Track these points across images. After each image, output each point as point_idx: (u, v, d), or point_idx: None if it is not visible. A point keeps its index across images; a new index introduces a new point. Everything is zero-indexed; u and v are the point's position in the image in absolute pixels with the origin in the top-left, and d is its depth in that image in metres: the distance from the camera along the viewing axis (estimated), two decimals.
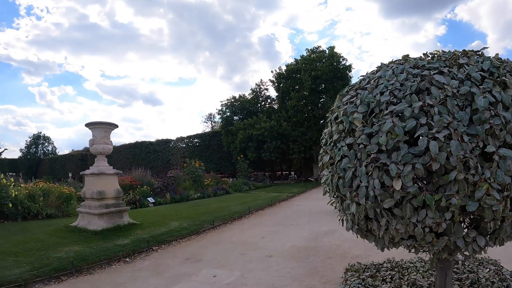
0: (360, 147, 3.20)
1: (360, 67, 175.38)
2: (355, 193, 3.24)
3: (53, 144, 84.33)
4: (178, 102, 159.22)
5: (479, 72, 3.07)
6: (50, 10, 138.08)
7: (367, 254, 7.00)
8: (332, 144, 3.69)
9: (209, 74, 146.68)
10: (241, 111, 48.65)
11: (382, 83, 3.30)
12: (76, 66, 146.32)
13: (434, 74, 3.11)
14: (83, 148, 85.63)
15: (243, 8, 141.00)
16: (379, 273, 5.17)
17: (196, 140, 53.97)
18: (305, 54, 47.16)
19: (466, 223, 3.33)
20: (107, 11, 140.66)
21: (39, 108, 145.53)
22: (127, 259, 8.36)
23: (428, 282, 4.55)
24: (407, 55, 3.78)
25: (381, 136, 2.99)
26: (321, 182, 4.06)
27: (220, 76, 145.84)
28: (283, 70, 47.09)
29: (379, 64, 3.87)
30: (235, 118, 48.45)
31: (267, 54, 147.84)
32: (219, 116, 51.40)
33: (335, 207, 4.06)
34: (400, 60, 3.72)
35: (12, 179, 15.83)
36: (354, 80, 45.79)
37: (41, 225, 11.87)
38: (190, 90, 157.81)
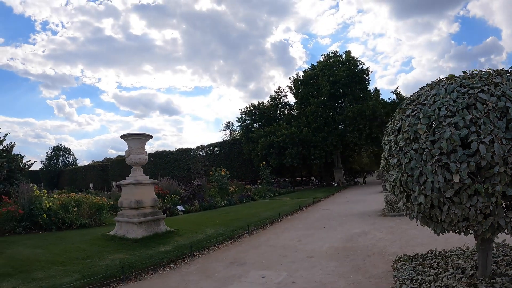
0: (425, 151, 4.05)
1: (375, 69, 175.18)
2: (422, 187, 4.05)
3: (73, 155, 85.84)
4: (195, 111, 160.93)
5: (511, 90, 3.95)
6: (65, 25, 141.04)
7: (402, 251, 7.18)
8: (397, 149, 4.46)
9: (224, 82, 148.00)
10: (261, 118, 49.08)
11: (439, 100, 4.17)
12: (92, 79, 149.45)
13: (478, 92, 4.00)
14: (103, 158, 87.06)
15: (255, 15, 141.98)
16: (425, 262, 5.74)
17: (216, 149, 54.55)
18: (321, 59, 47.65)
19: (506, 206, 4.07)
20: (121, 24, 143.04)
21: (57, 121, 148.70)
22: (172, 265, 8.66)
23: (470, 265, 5.21)
24: (453, 75, 4.58)
25: (442, 142, 3.88)
26: (389, 180, 4.80)
27: (235, 84, 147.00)
28: (301, 76, 47.55)
29: (425, 82, 5.20)
30: (255, 125, 48.89)
31: (281, 60, 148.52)
32: (239, 124, 51.83)
33: (399, 201, 4.75)
34: (448, 79, 4.55)
35: (45, 190, 16.34)
36: (372, 84, 46.09)
37: (78, 235, 12.24)
38: (206, 99, 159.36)
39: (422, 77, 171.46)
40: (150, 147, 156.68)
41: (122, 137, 12.35)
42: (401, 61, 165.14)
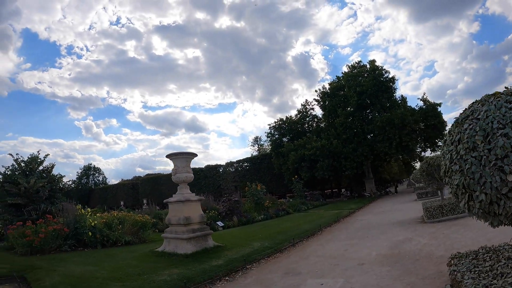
0: (483, 157, 4.76)
1: (398, 75, 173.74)
2: (483, 187, 4.77)
3: (103, 174, 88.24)
4: (220, 128, 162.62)
5: None
6: (89, 49, 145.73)
7: (448, 254, 7.42)
8: (458, 157, 5.18)
9: (248, 98, 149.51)
10: (289, 132, 49.58)
11: (491, 115, 4.88)
12: (118, 100, 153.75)
13: None
14: (132, 177, 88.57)
15: (274, 30, 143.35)
16: (478, 257, 6.19)
17: (246, 164, 55.19)
18: (346, 70, 47.98)
19: None
20: (143, 46, 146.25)
21: (85, 141, 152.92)
22: (227, 277, 9.03)
23: None
24: (498, 92, 5.26)
25: (497, 149, 4.58)
26: (452, 184, 5.40)
27: (259, 99, 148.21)
28: (327, 89, 47.87)
29: (475, 101, 5.62)
30: (284, 139, 49.32)
31: (303, 73, 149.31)
32: (268, 138, 52.33)
33: (460, 201, 5.36)
34: (495, 96, 5.22)
35: (89, 209, 17.02)
36: (399, 92, 46.16)
37: (125, 252, 12.76)
38: (231, 115, 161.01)
39: (446, 80, 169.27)
40: None
41: (168, 156, 12.97)
42: (424, 66, 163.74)
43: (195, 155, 13.24)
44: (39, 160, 20.32)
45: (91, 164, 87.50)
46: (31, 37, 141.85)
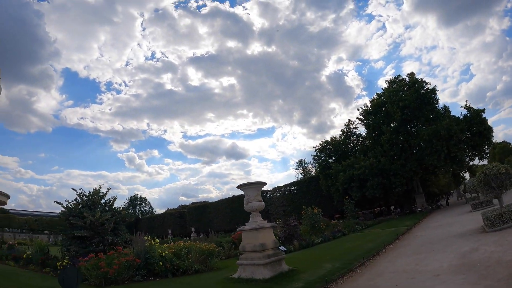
0: None
1: (434, 83, 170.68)
2: None
3: (149, 204, 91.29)
4: (260, 153, 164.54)
5: None
6: (127, 84, 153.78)
7: None
8: None
9: (286, 121, 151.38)
10: (335, 153, 50.15)
11: None
12: (158, 131, 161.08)
13: None
14: (178, 206, 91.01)
15: (306, 51, 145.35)
16: None
17: (293, 188, 55.92)
18: (385, 86, 48.48)
19: None
20: (179, 77, 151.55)
21: (129, 172, 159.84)
22: None
23: None
24: None
25: None
26: None
27: (297, 122, 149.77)
28: (369, 106, 48.41)
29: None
30: (330, 160, 49.92)
31: (338, 91, 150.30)
32: (315, 161, 53.14)
33: None
34: None
35: (157, 240, 18.12)
36: (441, 103, 45.95)
37: (199, 280, 13.69)
38: (270, 139, 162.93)
39: (484, 82, 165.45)
40: (219, 192, 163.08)
41: (239, 187, 13.98)
42: (460, 70, 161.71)
43: (264, 183, 14.30)
44: (101, 193, 21.73)
45: (137, 194, 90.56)
46: (72, 76, 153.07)
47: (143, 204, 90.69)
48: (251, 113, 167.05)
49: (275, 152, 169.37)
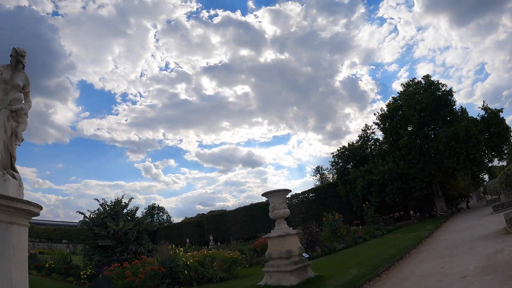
0: None
1: (449, 84, 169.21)
2: None
3: (167, 213, 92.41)
4: (276, 160, 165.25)
5: None
6: (142, 94, 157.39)
7: None
8: None
9: (301, 128, 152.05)
10: (353, 158, 50.33)
11: None
12: (174, 141, 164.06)
13: None
14: (196, 215, 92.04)
15: (318, 57, 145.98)
16: None
17: (311, 195, 56.21)
18: (401, 90, 48.53)
19: None
20: (193, 87, 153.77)
21: (145, 182, 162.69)
22: None
23: None
24: None
25: None
26: None
27: (312, 128, 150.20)
28: (385, 110, 48.56)
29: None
30: (348, 166, 50.10)
31: (353, 96, 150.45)
32: (333, 167, 53.23)
33: None
34: None
35: (181, 249, 18.46)
36: (458, 104, 45.69)
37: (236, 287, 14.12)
38: (286, 146, 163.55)
39: (500, 81, 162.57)
40: (236, 200, 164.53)
41: (264, 194, 14.36)
42: (474, 70, 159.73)
43: (289, 191, 14.63)
44: (123, 203, 22.23)
45: (154, 204, 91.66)
46: (87, 88, 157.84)
47: (160, 213, 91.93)
48: (266, 121, 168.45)
49: (291, 159, 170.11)
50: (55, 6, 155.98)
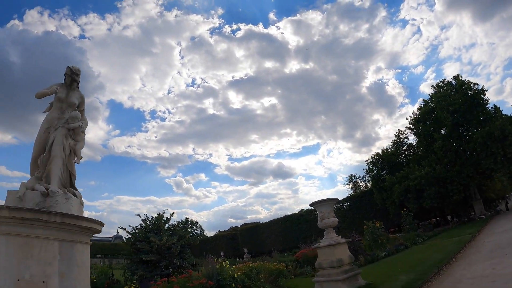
0: None
1: (478, 83, 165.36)
2: None
3: (200, 227, 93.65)
4: (307, 171, 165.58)
5: None
6: (171, 111, 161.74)
7: None
8: None
9: (330, 137, 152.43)
10: (387, 165, 50.42)
11: None
12: (204, 155, 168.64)
13: None
14: (229, 228, 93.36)
15: (343, 64, 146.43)
16: None
17: (346, 204, 56.40)
18: (431, 92, 48.48)
19: None
20: (221, 102, 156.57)
21: (177, 197, 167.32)
22: None
23: None
24: None
25: None
26: None
27: (341, 136, 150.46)
28: (417, 114, 48.57)
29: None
30: (382, 173, 50.20)
31: (380, 102, 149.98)
32: (368, 174, 53.44)
33: None
34: None
35: (227, 261, 18.85)
36: (491, 103, 45.30)
37: None
38: (316, 156, 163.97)
39: None
40: (268, 212, 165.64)
41: (312, 204, 14.93)
42: (502, 66, 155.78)
43: (337, 199, 15.20)
44: (164, 218, 22.88)
45: (188, 218, 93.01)
46: (117, 107, 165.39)
47: (194, 227, 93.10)
48: (295, 131, 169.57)
49: (322, 169, 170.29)
50: (81, 29, 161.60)
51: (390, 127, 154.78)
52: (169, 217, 23.30)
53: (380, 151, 53.44)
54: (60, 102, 9.08)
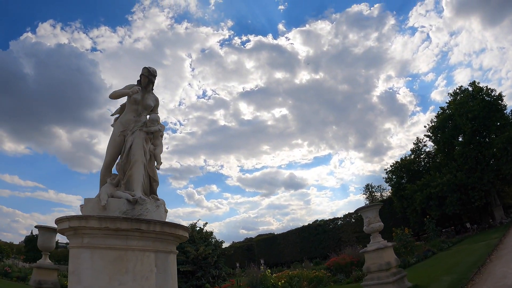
0: None
1: (490, 87, 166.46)
2: None
3: (215, 238, 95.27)
4: (319, 181, 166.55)
5: None
6: (182, 123, 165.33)
7: None
8: None
9: (342, 147, 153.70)
10: (407, 173, 51.65)
11: None
12: (215, 166, 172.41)
13: None
14: (244, 239, 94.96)
15: (353, 73, 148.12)
16: None
17: None
18: (450, 99, 49.54)
19: None
20: (232, 113, 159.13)
21: (189, 208, 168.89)
22: None
23: None
24: None
25: None
26: None
27: (353, 146, 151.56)
28: (435, 122, 49.81)
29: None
30: (402, 181, 51.50)
31: (392, 110, 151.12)
32: (388, 183, 54.56)
33: None
34: None
35: (269, 270, 19.94)
36: (508, 108, 46.34)
37: None
38: (328, 167, 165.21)
39: None
40: (280, 223, 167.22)
41: (359, 210, 16.18)
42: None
43: (382, 204, 16.40)
44: (197, 228, 23.68)
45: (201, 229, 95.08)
46: None
47: (209, 239, 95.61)
48: (306, 142, 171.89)
49: (334, 179, 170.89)
50: (93, 42, 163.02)
51: (402, 136, 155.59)
52: (202, 226, 23.98)
53: (394, 161, 55.12)
54: (136, 104, 8.95)
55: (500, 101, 45.94)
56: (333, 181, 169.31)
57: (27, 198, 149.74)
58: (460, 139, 46.96)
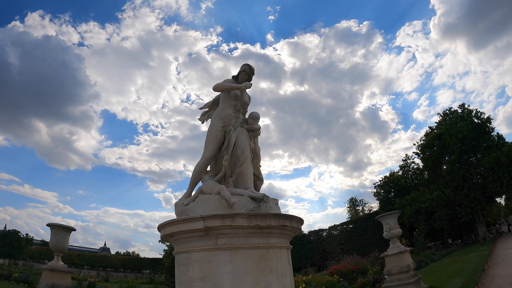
0: None
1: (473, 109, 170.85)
2: None
3: None
4: (297, 193, 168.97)
5: None
6: (164, 126, 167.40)
7: None
8: None
9: (322, 160, 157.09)
10: (395, 188, 55.02)
11: None
12: None
13: None
14: None
15: (338, 88, 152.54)
16: None
17: (350, 226, 60.42)
18: (439, 119, 53.77)
19: None
20: None
21: (165, 212, 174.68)
22: None
23: None
24: None
25: None
26: None
27: (333, 160, 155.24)
28: (423, 141, 53.57)
29: None
30: (389, 196, 54.81)
31: (374, 127, 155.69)
32: (376, 197, 57.73)
33: None
34: None
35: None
36: (498, 131, 49.67)
37: None
38: (307, 179, 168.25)
39: None
40: None
41: (379, 217, 17.80)
42: (495, 94, 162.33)
43: (400, 211, 18.49)
44: None
45: None
46: (110, 117, 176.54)
47: None
48: (287, 153, 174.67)
49: (312, 191, 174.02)
50: (80, 37, 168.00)
51: (382, 152, 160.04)
52: None
53: (383, 176, 58.56)
54: (235, 100, 8.97)
55: (488, 124, 49.61)
56: (311, 194, 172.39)
57: (1, 191, 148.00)
58: (447, 158, 50.40)
